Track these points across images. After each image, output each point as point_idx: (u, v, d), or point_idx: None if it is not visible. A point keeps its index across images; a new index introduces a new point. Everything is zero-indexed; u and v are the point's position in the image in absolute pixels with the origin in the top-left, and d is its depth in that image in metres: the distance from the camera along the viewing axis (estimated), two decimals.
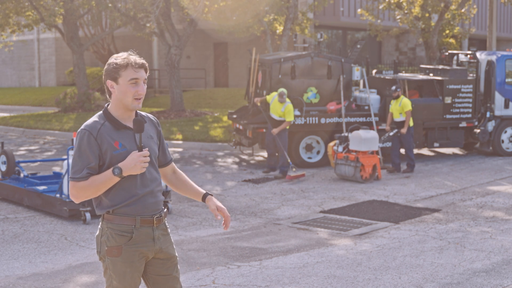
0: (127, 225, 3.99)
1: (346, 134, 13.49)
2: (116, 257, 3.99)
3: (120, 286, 4.05)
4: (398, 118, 14.08)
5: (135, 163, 3.90)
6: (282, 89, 13.81)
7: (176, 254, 4.23)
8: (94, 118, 4.03)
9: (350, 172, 13.01)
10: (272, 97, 14.03)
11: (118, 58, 4.00)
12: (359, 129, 13.46)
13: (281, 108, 13.67)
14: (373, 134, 13.31)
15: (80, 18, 26.76)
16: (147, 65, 4.05)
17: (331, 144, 13.83)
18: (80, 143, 3.94)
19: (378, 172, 13.18)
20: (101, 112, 4.07)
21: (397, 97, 14.04)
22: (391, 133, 14.00)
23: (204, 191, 4.31)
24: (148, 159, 3.94)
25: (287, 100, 13.79)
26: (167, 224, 4.24)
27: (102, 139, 3.94)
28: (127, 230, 4.00)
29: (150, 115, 4.23)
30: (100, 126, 3.96)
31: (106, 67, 4.02)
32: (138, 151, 3.94)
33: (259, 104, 14.33)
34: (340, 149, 13.40)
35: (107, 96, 4.09)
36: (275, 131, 13.60)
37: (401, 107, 13.96)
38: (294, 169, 13.77)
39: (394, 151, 14.02)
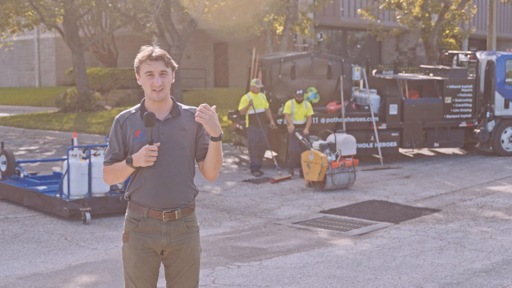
0: (137, 213, 4.13)
1: (333, 141, 12.56)
2: (125, 243, 4.16)
3: (125, 272, 4.19)
4: (302, 120, 13.87)
5: (140, 155, 4.01)
6: (254, 79, 13.87)
7: (194, 256, 4.17)
8: (131, 108, 4.23)
9: (351, 178, 12.37)
10: (248, 97, 13.79)
11: (140, 53, 4.14)
12: (330, 133, 12.94)
13: (262, 98, 13.80)
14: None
15: (80, 18, 26.77)
16: (165, 56, 4.08)
17: (322, 154, 12.15)
18: (111, 130, 4.20)
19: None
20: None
21: (301, 101, 13.89)
22: (300, 136, 13.47)
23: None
24: (155, 153, 4.00)
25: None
26: (194, 223, 4.17)
27: (127, 127, 4.12)
28: (136, 218, 4.13)
29: (192, 108, 4.19)
30: (129, 115, 4.16)
31: None
32: (149, 144, 4.03)
33: (273, 126, 14.11)
34: (333, 157, 12.42)
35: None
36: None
37: (307, 110, 13.89)
38: (279, 172, 13.75)
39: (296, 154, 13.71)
